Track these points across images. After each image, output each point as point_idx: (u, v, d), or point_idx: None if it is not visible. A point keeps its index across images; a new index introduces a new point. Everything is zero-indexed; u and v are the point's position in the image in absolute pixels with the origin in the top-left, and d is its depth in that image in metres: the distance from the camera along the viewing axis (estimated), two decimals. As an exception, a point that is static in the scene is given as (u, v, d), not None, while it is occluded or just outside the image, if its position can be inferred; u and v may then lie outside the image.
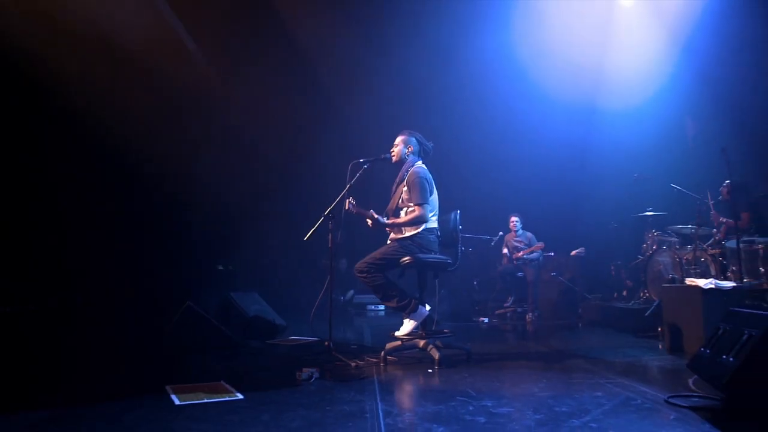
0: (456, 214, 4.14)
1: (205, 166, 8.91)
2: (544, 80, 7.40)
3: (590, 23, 7.36)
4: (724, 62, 6.87)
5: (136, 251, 6.97)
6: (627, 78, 7.26)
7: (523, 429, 2.20)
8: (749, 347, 2.32)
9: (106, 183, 7.54)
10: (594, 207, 7.83)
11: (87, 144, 6.88)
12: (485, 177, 8.18)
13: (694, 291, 4.02)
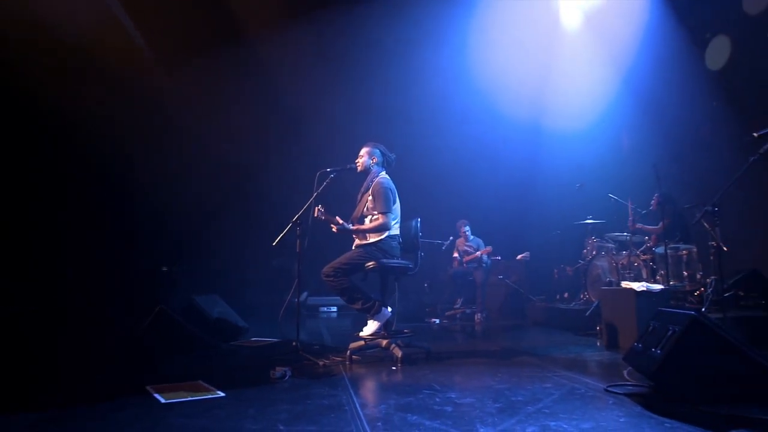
0: (417, 222, 4.47)
1: (154, 166, 8.93)
2: (495, 98, 8.00)
3: (536, 47, 8.05)
4: (659, 86, 7.61)
5: (92, 255, 6.95)
6: (571, 97, 7.93)
7: (486, 415, 2.53)
8: (673, 341, 2.75)
9: (55, 184, 7.48)
10: (539, 215, 8.44)
11: (40, 145, 6.82)
12: (438, 185, 8.62)
13: (629, 293, 4.52)
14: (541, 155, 8.52)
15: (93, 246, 8.09)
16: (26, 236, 6.90)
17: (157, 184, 8.89)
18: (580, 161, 7.93)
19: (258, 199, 9.91)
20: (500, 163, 8.56)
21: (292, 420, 2.49)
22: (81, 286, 6.95)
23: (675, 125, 8.03)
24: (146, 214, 8.92)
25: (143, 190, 8.84)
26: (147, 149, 8.67)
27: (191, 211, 9.24)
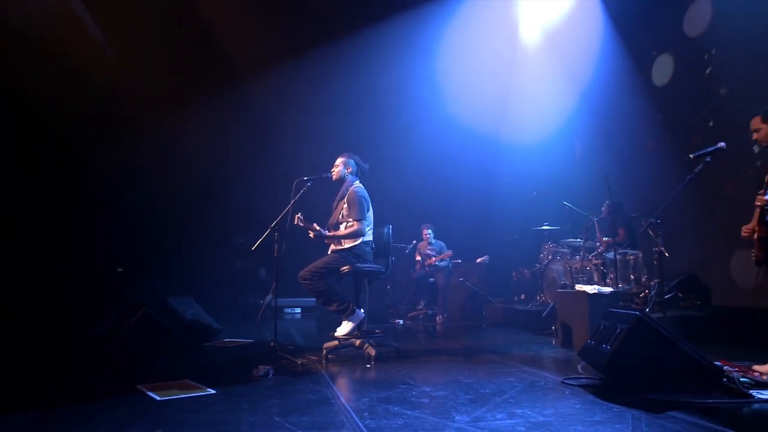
0: (389, 229, 4.79)
1: (112, 166, 8.96)
2: (458, 112, 8.52)
3: (498, 64, 8.63)
4: (612, 100, 8.24)
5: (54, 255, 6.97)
6: (530, 111, 8.50)
7: (460, 405, 2.86)
8: (620, 338, 3.15)
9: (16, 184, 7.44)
10: (498, 220, 8.96)
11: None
12: (402, 191, 8.99)
13: (582, 296, 4.96)
14: (501, 165, 9.12)
15: (54, 245, 8.10)
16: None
17: (119, 185, 8.93)
18: (538, 171, 8.49)
19: (219, 200, 10.02)
20: (462, 172, 9.10)
21: (285, 412, 2.76)
22: (45, 287, 6.96)
23: (624, 137, 8.69)
24: (106, 214, 8.95)
25: (105, 191, 8.88)
26: (105, 145, 8.72)
27: (151, 211, 9.30)
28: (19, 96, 7.47)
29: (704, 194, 6.59)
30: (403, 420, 2.59)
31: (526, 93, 8.83)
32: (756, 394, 2.86)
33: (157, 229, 9.48)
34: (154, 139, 9.09)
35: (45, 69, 8.04)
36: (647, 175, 8.35)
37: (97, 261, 8.95)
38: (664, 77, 8.70)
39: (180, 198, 9.53)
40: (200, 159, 9.42)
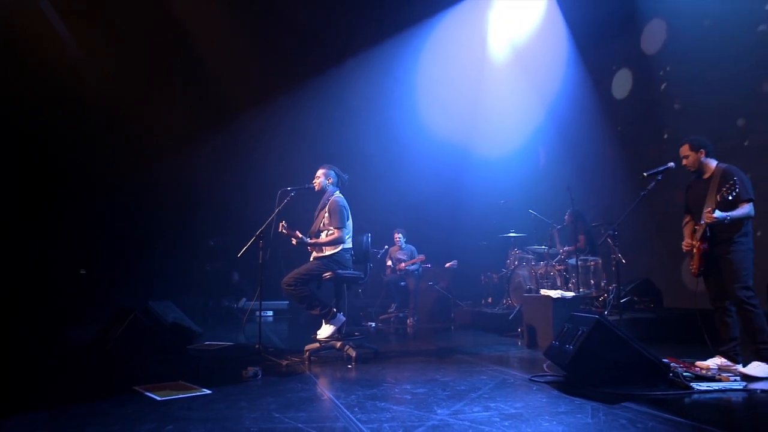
0: (368, 237, 5.12)
1: (81, 168, 9.03)
2: (430, 124, 9.02)
3: (468, 80, 9.22)
4: (575, 113, 8.83)
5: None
6: (498, 124, 9.05)
7: (440, 400, 3.22)
8: (582, 339, 3.57)
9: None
10: (467, 227, 9.46)
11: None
12: (375, 197, 9.37)
13: (547, 300, 5.40)
14: (470, 174, 9.64)
15: (21, 251, 8.14)
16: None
17: (89, 187, 9.01)
18: (505, 181, 9.02)
19: (190, 202, 10.15)
20: (433, 180, 9.60)
21: (282, 409, 3.06)
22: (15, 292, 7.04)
23: (586, 148, 9.27)
24: (74, 215, 9.01)
25: (73, 193, 8.94)
26: (74, 146, 8.81)
27: (119, 214, 9.39)
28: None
29: (657, 205, 7.12)
30: (391, 414, 2.93)
31: (495, 107, 9.44)
32: (696, 386, 3.32)
33: (127, 232, 9.58)
34: (125, 140, 9.19)
35: (13, 67, 8.11)
36: (607, 186, 8.95)
37: (67, 265, 9.00)
38: (623, 91, 9.31)
39: (149, 201, 9.65)
40: (171, 160, 9.56)
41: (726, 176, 3.89)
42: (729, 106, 7.31)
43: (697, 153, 4.11)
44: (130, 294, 8.82)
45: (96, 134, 9.13)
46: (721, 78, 7.37)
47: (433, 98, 9.35)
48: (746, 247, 3.79)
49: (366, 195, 9.32)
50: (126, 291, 8.92)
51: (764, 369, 3.59)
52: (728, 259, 3.80)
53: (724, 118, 7.37)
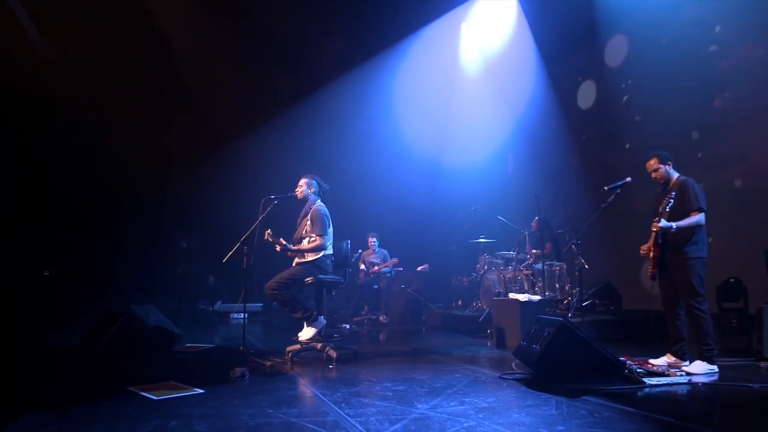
0: (347, 243, 5.45)
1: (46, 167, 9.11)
2: (404, 135, 9.52)
3: (441, 94, 9.78)
4: (544, 124, 9.38)
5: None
6: (470, 135, 9.56)
7: (419, 396, 3.56)
8: (547, 340, 3.96)
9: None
10: (438, 232, 9.92)
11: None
12: (350, 203, 9.74)
13: (515, 303, 5.81)
14: (443, 182, 10.09)
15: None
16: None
17: (60, 187, 9.09)
18: (476, 188, 9.52)
19: (158, 203, 10.28)
20: (407, 188, 10.08)
21: (274, 406, 3.35)
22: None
23: (553, 157, 9.80)
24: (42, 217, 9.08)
25: (44, 194, 9.01)
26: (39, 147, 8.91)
27: (89, 215, 9.47)
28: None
29: (618, 214, 7.64)
30: (376, 408, 3.26)
31: (466, 118, 9.99)
32: (648, 381, 3.75)
33: (94, 234, 9.65)
34: (94, 141, 9.27)
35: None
36: (572, 193, 9.48)
37: (37, 267, 9.06)
38: (588, 102, 9.86)
39: (122, 203, 9.76)
40: (142, 162, 9.67)
41: (682, 188, 4.34)
42: (685, 119, 7.87)
43: (665, 165, 4.56)
44: (100, 296, 8.96)
45: (66, 135, 9.20)
46: (678, 93, 7.93)
47: (408, 111, 9.84)
48: (696, 255, 4.24)
49: (343, 201, 9.71)
50: (95, 293, 9.03)
51: (705, 367, 4.06)
52: (679, 266, 4.25)
53: (680, 131, 7.93)
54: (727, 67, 7.35)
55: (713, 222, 7.42)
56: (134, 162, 9.61)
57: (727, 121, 7.30)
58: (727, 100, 7.36)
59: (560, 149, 9.90)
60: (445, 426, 2.85)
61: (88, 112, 9.09)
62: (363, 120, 10.07)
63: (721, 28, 7.46)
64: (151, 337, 4.77)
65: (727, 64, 7.34)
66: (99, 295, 8.98)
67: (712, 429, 2.93)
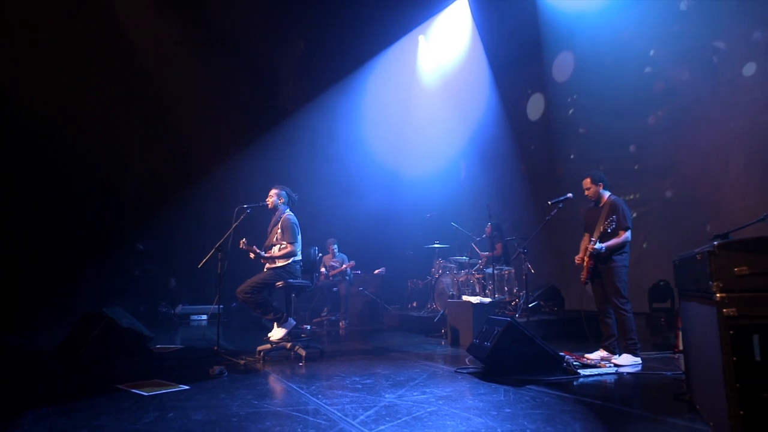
0: (315, 250, 5.97)
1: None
2: (364, 144, 10.18)
3: (400, 106, 10.54)
4: (496, 135, 10.20)
5: None
6: (426, 146, 10.29)
7: (386, 388, 4.13)
8: (497, 337, 4.60)
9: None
10: (395, 238, 10.57)
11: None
12: (313, 210, 10.27)
13: (468, 305, 6.45)
14: (400, 190, 10.80)
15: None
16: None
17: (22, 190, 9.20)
18: (431, 197, 10.24)
19: (115, 203, 10.47)
20: (366, 195, 10.69)
21: (258, 398, 3.85)
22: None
23: (504, 165, 10.61)
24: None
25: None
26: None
27: (43, 218, 9.59)
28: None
29: (561, 221, 8.45)
30: (349, 398, 3.80)
31: (423, 130, 10.76)
32: (582, 372, 4.45)
33: (48, 234, 9.76)
34: (47, 137, 9.40)
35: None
36: (521, 199, 10.30)
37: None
38: (537, 113, 10.69)
39: (79, 205, 9.90)
40: (97, 161, 9.87)
41: (612, 208, 5.06)
42: (623, 134, 8.76)
43: (597, 186, 5.26)
44: (53, 299, 9.13)
45: (14, 132, 9.28)
46: (618, 109, 8.81)
47: (369, 123, 10.51)
48: (622, 264, 4.95)
49: (307, 208, 10.25)
50: (51, 295, 9.19)
51: (631, 359, 4.79)
52: (608, 273, 4.97)
53: (619, 144, 8.81)
54: (660, 87, 8.25)
55: (647, 229, 8.36)
56: (88, 161, 9.79)
57: (659, 137, 8.20)
58: (659, 117, 8.27)
59: (510, 158, 10.72)
60: (411, 411, 3.42)
61: (42, 110, 9.19)
62: (331, 139, 10.75)
63: (655, 52, 8.36)
64: (130, 338, 5.15)
65: (660, 86, 8.25)
66: (52, 298, 9.13)
67: (632, 408, 3.61)
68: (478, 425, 3.07)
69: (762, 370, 2.34)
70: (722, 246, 2.52)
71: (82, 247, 10.06)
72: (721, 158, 7.31)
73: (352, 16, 9.59)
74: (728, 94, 7.25)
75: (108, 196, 10.36)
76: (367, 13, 9.55)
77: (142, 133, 10.19)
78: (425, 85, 11.27)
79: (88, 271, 10.02)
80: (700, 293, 2.81)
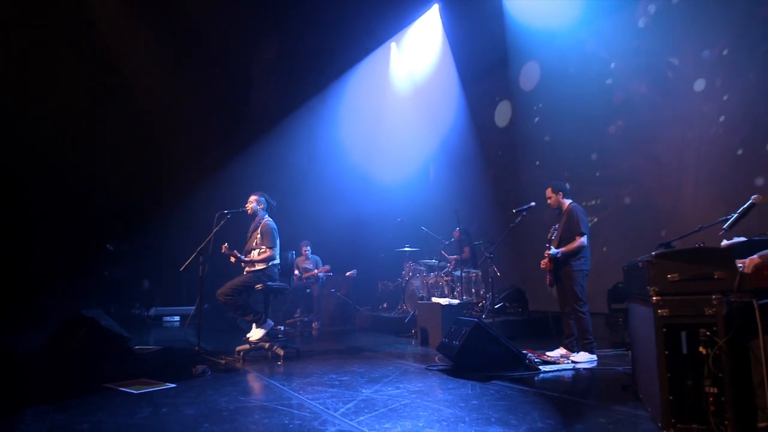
0: (292, 254, 6.31)
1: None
2: (340, 151, 10.61)
3: (371, 113, 11.12)
4: (465, 141, 10.75)
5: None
6: (397, 152, 10.78)
7: (362, 384, 4.50)
8: (465, 337, 5.02)
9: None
10: (367, 241, 10.98)
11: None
12: (286, 210, 10.62)
13: (437, 306, 6.88)
14: (372, 195, 11.24)
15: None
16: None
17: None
18: (402, 201, 10.71)
19: (85, 204, 10.59)
20: (339, 198, 11.08)
21: (244, 394, 4.19)
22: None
23: (472, 170, 11.12)
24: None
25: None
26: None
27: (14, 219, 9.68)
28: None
29: (526, 226, 8.94)
30: (329, 394, 4.17)
31: (396, 137, 11.23)
32: (543, 368, 4.91)
33: (22, 239, 9.84)
34: (15, 141, 9.50)
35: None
36: (489, 203, 10.80)
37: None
38: (504, 120, 11.18)
39: (49, 206, 10.01)
40: (70, 162, 9.98)
41: (570, 215, 5.53)
42: (586, 142, 9.29)
43: (557, 195, 5.73)
44: (24, 299, 9.23)
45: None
46: (581, 118, 9.33)
47: (343, 129, 10.93)
48: (579, 269, 5.43)
49: (282, 211, 10.60)
50: (19, 296, 9.29)
51: (587, 356, 5.26)
52: (567, 278, 5.44)
53: (582, 152, 9.34)
54: (619, 99, 8.79)
55: (607, 234, 8.92)
56: (58, 162, 9.90)
57: (619, 146, 8.75)
58: (619, 127, 8.82)
59: (477, 164, 11.23)
60: (387, 404, 3.80)
61: (10, 111, 9.27)
62: (307, 147, 11.14)
63: (616, 65, 8.90)
64: (114, 339, 5.40)
65: (620, 97, 8.79)
66: (21, 300, 9.23)
67: (585, 399, 4.06)
68: (448, 415, 3.47)
69: (688, 362, 2.80)
70: (658, 256, 2.97)
71: (51, 248, 10.15)
72: (675, 168, 7.88)
73: (329, 24, 9.96)
74: (681, 108, 7.81)
75: (78, 198, 10.45)
76: (344, 23, 9.93)
77: (115, 134, 10.28)
78: (397, 92, 11.74)
79: (57, 273, 10.12)
80: (641, 296, 3.26)
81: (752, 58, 6.96)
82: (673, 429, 2.78)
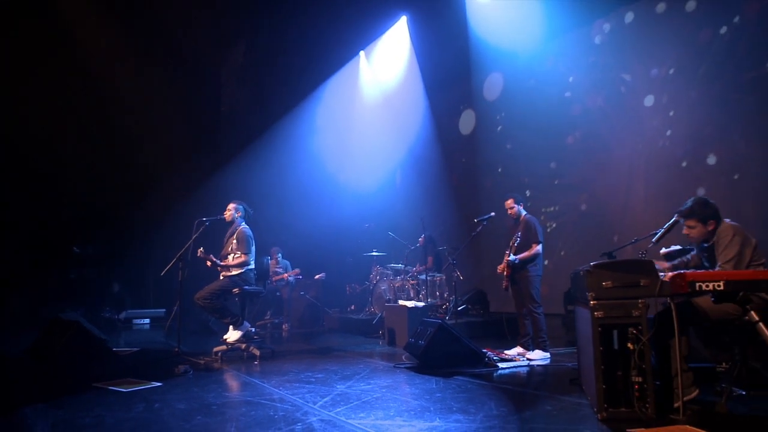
0: (268, 259, 6.76)
1: None
2: (313, 156, 11.10)
3: (341, 121, 11.69)
4: (430, 148, 11.38)
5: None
6: (365, 159, 11.35)
7: (337, 380, 4.98)
8: (429, 337, 5.54)
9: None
10: (336, 245, 11.48)
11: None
12: (258, 215, 11.05)
13: (403, 308, 7.40)
14: (340, 201, 11.77)
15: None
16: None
17: None
18: (369, 208, 11.27)
19: (53, 207, 10.76)
20: (308, 205, 11.58)
21: (228, 391, 4.63)
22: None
23: (437, 176, 11.74)
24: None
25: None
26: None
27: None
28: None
29: (487, 233, 9.56)
30: (307, 389, 4.64)
31: (364, 145, 11.82)
32: (501, 365, 5.49)
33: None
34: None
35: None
36: (452, 209, 11.43)
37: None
38: (468, 128, 11.80)
39: (15, 209, 10.17)
40: (38, 164, 10.16)
41: (527, 225, 6.12)
42: (545, 151, 9.95)
43: (518, 206, 6.32)
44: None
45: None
46: (540, 128, 9.99)
47: (315, 137, 11.42)
48: (535, 274, 6.03)
49: (255, 217, 11.04)
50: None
51: (542, 354, 5.87)
52: (524, 282, 6.04)
53: (541, 161, 10.00)
54: (577, 111, 9.47)
55: (563, 238, 9.61)
56: (25, 163, 10.07)
57: (576, 156, 9.43)
58: (577, 138, 9.50)
59: (442, 170, 11.86)
60: (360, 397, 4.30)
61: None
62: (282, 157, 11.61)
63: (574, 78, 9.58)
64: (96, 342, 5.76)
65: (577, 109, 9.47)
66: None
67: (537, 391, 4.64)
68: (415, 406, 3.99)
69: (618, 356, 3.39)
70: (595, 266, 3.55)
71: (17, 251, 10.31)
72: (626, 177, 8.58)
73: (303, 37, 10.43)
74: (633, 121, 8.52)
75: (46, 201, 10.61)
76: (317, 35, 10.41)
77: (84, 137, 10.49)
78: (366, 101, 12.28)
79: (25, 276, 10.28)
80: (583, 300, 3.84)
81: (693, 78, 7.70)
82: (605, 413, 3.36)
